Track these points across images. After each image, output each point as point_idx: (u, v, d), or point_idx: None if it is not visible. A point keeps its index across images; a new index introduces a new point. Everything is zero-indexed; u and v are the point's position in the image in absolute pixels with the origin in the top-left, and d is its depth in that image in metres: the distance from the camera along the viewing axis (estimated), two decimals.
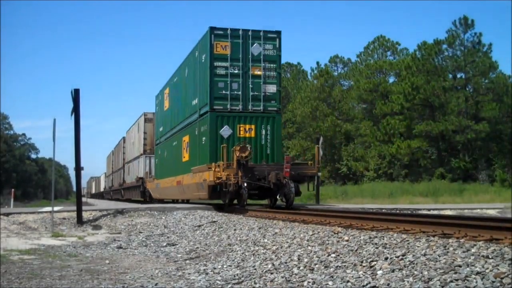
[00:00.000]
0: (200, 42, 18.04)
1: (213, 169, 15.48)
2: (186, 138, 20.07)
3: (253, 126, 17.01)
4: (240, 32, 16.99)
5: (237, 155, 15.32)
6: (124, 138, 37.12)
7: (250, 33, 17.04)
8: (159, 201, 25.48)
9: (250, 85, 16.96)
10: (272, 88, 17.23)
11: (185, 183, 19.67)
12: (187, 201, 23.11)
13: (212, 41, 16.66)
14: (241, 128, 16.90)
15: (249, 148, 15.66)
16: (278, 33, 17.26)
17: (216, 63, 16.75)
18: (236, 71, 16.87)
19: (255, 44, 17.06)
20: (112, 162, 44.70)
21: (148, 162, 28.17)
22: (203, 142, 17.48)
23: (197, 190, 18.01)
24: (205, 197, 17.35)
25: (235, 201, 16.89)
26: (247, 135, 16.90)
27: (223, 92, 16.74)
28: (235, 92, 16.87)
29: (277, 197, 16.19)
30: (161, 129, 25.35)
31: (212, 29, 16.74)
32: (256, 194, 16.62)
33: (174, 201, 24.77)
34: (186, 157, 20.02)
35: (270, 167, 15.81)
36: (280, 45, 17.29)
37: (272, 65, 17.19)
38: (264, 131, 17.08)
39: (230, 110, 16.82)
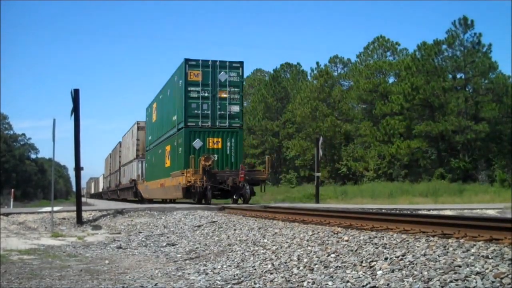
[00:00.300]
0: (178, 70, 21.31)
1: (185, 174, 19.02)
2: (168, 148, 23.27)
3: (220, 139, 20.24)
4: (210, 63, 20.27)
5: (202, 163, 18.79)
6: (120, 143, 39.60)
7: (218, 63, 20.33)
8: (149, 201, 28.25)
9: (218, 106, 20.29)
10: (235, 108, 20.54)
11: (166, 185, 22.82)
12: (173, 201, 25.30)
13: (187, 70, 20.07)
14: (210, 141, 20.16)
15: (212, 158, 19.16)
16: (241, 63, 20.57)
17: (190, 88, 20.17)
18: (206, 94, 20.22)
19: (222, 72, 20.33)
20: (110, 164, 46.64)
21: (140, 165, 30.78)
22: (180, 152, 20.58)
23: (175, 191, 21.27)
24: (180, 196, 20.78)
25: (203, 201, 19.61)
26: (215, 146, 20.18)
27: (196, 111, 20.15)
28: (205, 111, 20.20)
29: (234, 197, 19.48)
30: (150, 137, 28.69)
31: (186, 60, 20.16)
32: (219, 194, 20.01)
33: (163, 201, 27.19)
34: (168, 163, 23.23)
35: (230, 173, 19.12)
36: (243, 73, 20.82)
37: (236, 89, 20.52)
38: (229, 143, 20.31)
39: (201, 126, 20.19)
